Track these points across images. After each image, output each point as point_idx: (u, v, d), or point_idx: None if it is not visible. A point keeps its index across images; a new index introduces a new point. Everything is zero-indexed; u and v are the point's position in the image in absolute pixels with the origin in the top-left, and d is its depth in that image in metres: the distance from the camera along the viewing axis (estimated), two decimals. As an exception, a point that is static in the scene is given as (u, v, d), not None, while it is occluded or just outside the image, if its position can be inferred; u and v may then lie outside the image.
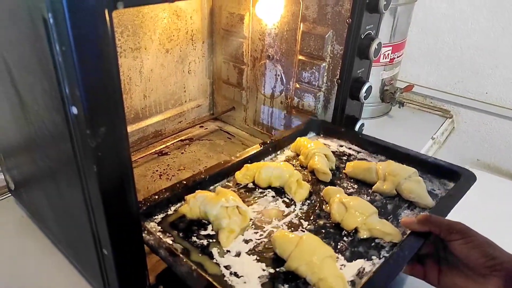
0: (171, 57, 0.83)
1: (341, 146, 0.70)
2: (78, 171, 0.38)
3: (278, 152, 0.68)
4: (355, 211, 0.50)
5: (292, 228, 0.51)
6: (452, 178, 0.59)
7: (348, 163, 0.63)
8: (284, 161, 0.65)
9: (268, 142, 0.66)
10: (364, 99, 0.70)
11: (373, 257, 0.46)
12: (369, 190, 0.58)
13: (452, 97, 1.08)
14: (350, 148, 0.69)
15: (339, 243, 0.49)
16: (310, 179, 0.61)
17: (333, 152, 0.65)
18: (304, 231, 0.50)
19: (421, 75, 1.12)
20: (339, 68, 0.68)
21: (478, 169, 1.01)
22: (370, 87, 0.69)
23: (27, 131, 0.46)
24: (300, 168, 0.64)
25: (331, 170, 0.61)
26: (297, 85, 0.76)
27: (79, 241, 0.47)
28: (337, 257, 0.46)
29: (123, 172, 0.38)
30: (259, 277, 0.44)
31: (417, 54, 1.10)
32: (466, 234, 0.43)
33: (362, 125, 0.74)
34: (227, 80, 0.90)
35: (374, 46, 0.65)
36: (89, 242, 0.43)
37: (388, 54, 0.96)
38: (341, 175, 0.62)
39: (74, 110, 0.33)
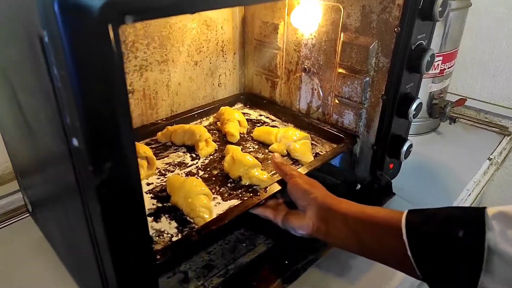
0: (200, 70, 0.78)
1: (261, 115, 0.81)
2: (83, 208, 0.33)
3: (204, 119, 0.78)
4: (239, 163, 0.58)
5: (189, 175, 0.60)
6: (340, 141, 0.68)
7: (255, 128, 0.72)
8: (207, 125, 0.76)
9: (194, 109, 0.78)
10: (413, 118, 0.62)
11: (245, 198, 0.55)
12: (266, 150, 0.68)
13: (510, 111, 0.96)
14: (267, 118, 0.80)
15: (222, 188, 0.58)
16: (220, 141, 0.70)
17: (251, 120, 0.78)
18: (198, 178, 0.59)
19: (475, 88, 1.01)
20: (385, 82, 0.60)
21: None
22: (420, 104, 0.61)
23: (36, 154, 0.42)
24: (216, 132, 0.74)
25: (241, 134, 0.72)
26: (336, 101, 0.69)
27: (86, 273, 0.43)
28: (215, 197, 0.55)
29: (134, 211, 0.32)
30: (148, 209, 0.53)
31: (470, 64, 0.99)
32: (294, 177, 0.53)
33: (410, 146, 0.65)
34: (259, 94, 0.84)
35: (426, 58, 0.57)
36: (96, 279, 0.38)
37: (438, 64, 0.87)
38: (248, 138, 0.72)
39: (75, 142, 0.28)
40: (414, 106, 0.60)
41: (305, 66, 0.71)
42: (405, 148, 0.64)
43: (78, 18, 0.24)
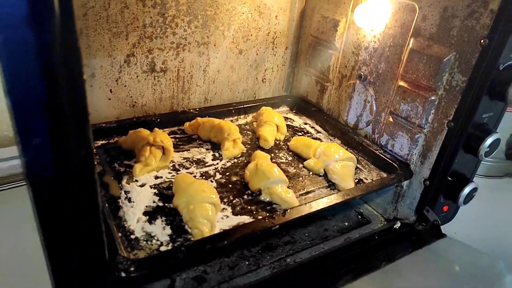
0: (244, 60, 0.71)
1: (306, 123, 0.71)
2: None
3: (242, 116, 0.70)
4: (263, 174, 0.50)
5: (204, 177, 0.53)
6: (391, 171, 0.56)
7: (294, 137, 0.63)
8: (242, 124, 0.67)
9: (233, 104, 0.70)
10: (485, 156, 0.49)
11: (259, 217, 0.46)
12: (300, 165, 0.58)
13: None
14: (313, 128, 0.70)
15: (236, 199, 0.50)
16: (251, 144, 0.62)
17: (294, 127, 0.69)
18: (212, 182, 0.52)
19: None
20: (455, 106, 0.48)
21: None
22: (497, 140, 0.48)
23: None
24: (250, 133, 0.65)
25: (277, 140, 0.64)
26: (391, 119, 0.57)
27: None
28: (224, 208, 0.47)
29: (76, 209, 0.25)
30: (146, 206, 0.47)
31: None
32: None
33: (475, 190, 0.52)
34: (305, 97, 0.75)
35: (516, 84, 0.44)
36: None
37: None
38: (283, 147, 0.63)
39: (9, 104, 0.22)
40: (488, 141, 0.47)
41: (361, 73, 0.61)
42: (466, 191, 0.51)
43: None
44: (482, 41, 0.44)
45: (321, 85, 0.70)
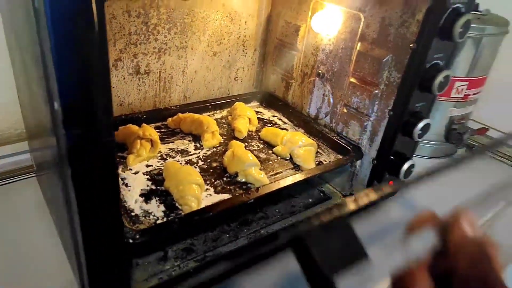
0: (218, 61, 0.79)
1: (274, 116, 0.81)
2: (60, 173, 0.35)
3: (218, 111, 0.80)
4: (239, 159, 0.59)
5: (189, 164, 0.62)
6: (346, 153, 0.66)
7: (264, 128, 0.73)
8: (218, 118, 0.77)
9: (209, 100, 0.80)
10: (419, 138, 0.60)
11: (236, 194, 0.56)
12: (270, 151, 0.68)
13: (535, 149, 0.92)
14: (280, 119, 0.80)
15: (217, 181, 0.59)
16: (228, 135, 0.71)
17: (263, 120, 0.79)
18: (196, 168, 0.61)
19: (500, 119, 0.97)
20: (393, 98, 0.59)
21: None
22: (427, 125, 0.59)
23: (35, 118, 0.45)
24: (226, 126, 0.74)
25: (250, 131, 0.73)
26: (345, 110, 0.68)
27: (67, 238, 0.45)
28: (207, 188, 0.57)
29: (105, 183, 0.34)
30: (141, 189, 0.55)
31: (499, 94, 0.95)
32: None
33: (412, 166, 0.63)
34: (273, 93, 0.84)
35: (439, 78, 0.55)
36: (72, 242, 0.40)
37: (463, 89, 0.84)
38: (255, 136, 0.72)
39: (56, 105, 0.30)
40: (420, 125, 0.58)
41: (320, 71, 0.71)
42: (405, 167, 0.62)
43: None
44: (411, 45, 0.55)
45: (286, 82, 0.80)
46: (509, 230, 0.76)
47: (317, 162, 0.65)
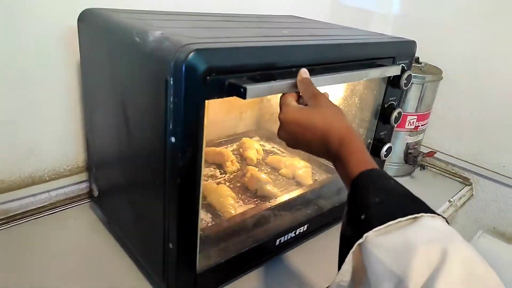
0: (228, 114, 1.01)
1: (273, 147, 1.03)
2: (164, 183, 0.53)
3: (229, 145, 1.00)
4: (257, 179, 0.79)
5: (217, 185, 0.78)
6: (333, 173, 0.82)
7: (269, 156, 0.95)
8: (232, 150, 0.97)
9: (223, 137, 1.02)
10: (384, 157, 0.83)
11: (259, 204, 0.76)
12: (276, 173, 0.89)
13: (472, 166, 1.18)
14: (279, 150, 1.02)
15: (243, 196, 0.78)
16: (242, 163, 0.91)
17: (265, 150, 1.00)
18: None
19: (444, 144, 1.24)
20: (366, 130, 0.83)
21: (493, 236, 1.08)
22: (390, 147, 0.83)
23: (127, 152, 0.63)
24: (238, 156, 0.94)
25: (257, 160, 0.92)
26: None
27: (149, 238, 0.62)
28: (237, 201, 0.75)
29: (195, 183, 0.53)
30: None
31: (441, 125, 1.22)
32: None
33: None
34: (270, 129, 1.07)
35: (394, 114, 0.79)
36: (159, 238, 0.57)
37: (413, 121, 1.10)
38: (262, 163, 0.93)
39: (173, 139, 0.50)
40: (385, 148, 0.82)
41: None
42: (377, 179, 0.85)
43: (192, 74, 0.46)
44: (374, 91, 0.80)
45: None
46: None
47: (313, 180, 0.87)
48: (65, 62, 0.75)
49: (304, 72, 0.53)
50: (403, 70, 0.76)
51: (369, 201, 0.41)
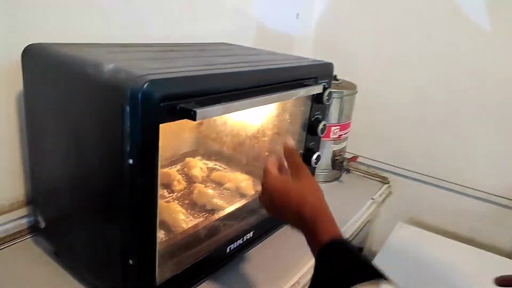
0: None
1: (216, 165, 1.09)
2: (123, 204, 0.57)
3: (175, 166, 1.05)
4: (205, 194, 0.86)
5: (167, 203, 0.83)
6: None
7: (214, 173, 1.01)
8: (176, 170, 1.01)
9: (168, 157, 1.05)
10: (315, 164, 0.94)
11: (208, 216, 0.83)
12: (221, 188, 0.96)
13: (388, 167, 1.36)
14: (220, 166, 1.09)
15: (192, 211, 0.84)
16: (188, 181, 0.96)
17: (208, 167, 1.05)
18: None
19: (365, 149, 1.41)
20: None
21: (411, 225, 1.26)
22: (319, 156, 0.94)
23: (80, 179, 0.65)
24: (183, 175, 0.98)
25: (202, 177, 0.98)
26: (267, 153, 1.00)
27: (107, 258, 0.64)
28: (188, 216, 0.81)
29: (153, 201, 0.58)
30: None
31: (360, 132, 1.39)
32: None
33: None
34: (211, 148, 1.14)
35: (320, 126, 0.91)
36: (118, 256, 0.61)
37: (337, 131, 1.24)
38: (207, 179, 0.99)
39: (130, 161, 0.54)
40: (314, 156, 0.93)
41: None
42: (311, 184, 0.96)
43: (147, 101, 0.52)
44: (301, 108, 0.91)
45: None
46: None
47: (255, 190, 0.95)
48: (4, 96, 0.76)
49: (289, 140, 0.64)
50: (324, 88, 0.88)
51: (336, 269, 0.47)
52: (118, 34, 0.90)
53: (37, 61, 0.66)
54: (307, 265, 0.85)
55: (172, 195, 0.89)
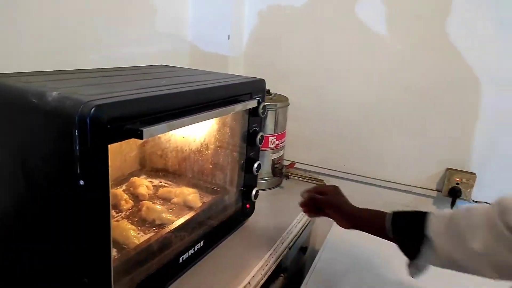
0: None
1: (161, 182, 1.12)
2: (75, 224, 0.60)
3: (120, 186, 1.05)
4: (153, 210, 0.90)
5: (117, 222, 0.86)
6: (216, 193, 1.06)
7: (160, 189, 1.04)
8: (122, 190, 1.03)
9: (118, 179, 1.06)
10: (256, 172, 1.02)
11: (158, 231, 0.86)
12: (169, 203, 0.99)
13: (322, 170, 1.48)
14: (166, 183, 1.12)
15: (143, 227, 0.87)
16: (134, 200, 0.98)
17: (154, 185, 1.08)
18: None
19: (300, 156, 1.52)
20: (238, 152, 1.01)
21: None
22: (259, 164, 1.02)
23: (29, 206, 0.66)
24: (130, 194, 1.01)
25: (149, 194, 1.01)
26: (211, 166, 1.06)
27: (60, 280, 0.66)
28: (139, 232, 0.84)
29: (106, 219, 0.61)
30: None
31: (295, 140, 1.50)
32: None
33: (257, 191, 1.05)
34: (155, 167, 1.16)
35: (258, 137, 0.99)
36: (72, 276, 0.62)
37: (274, 141, 1.34)
38: (154, 197, 1.03)
39: (81, 182, 0.57)
40: (255, 165, 1.01)
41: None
42: (253, 192, 1.03)
43: (95, 126, 0.55)
44: (240, 121, 0.98)
45: (163, 157, 1.14)
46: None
47: (202, 202, 1.00)
48: None
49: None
50: (259, 102, 0.96)
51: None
52: (52, 60, 0.91)
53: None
54: (255, 268, 0.91)
55: (120, 214, 0.91)
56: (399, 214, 0.75)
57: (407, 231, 0.70)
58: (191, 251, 0.86)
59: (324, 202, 0.85)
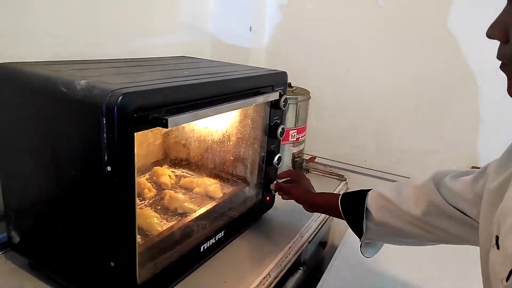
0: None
1: (183, 172, 1.14)
2: (102, 210, 0.62)
3: (143, 175, 1.07)
4: (176, 199, 0.91)
5: (141, 209, 0.88)
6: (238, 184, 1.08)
7: (182, 179, 1.06)
8: (145, 178, 1.04)
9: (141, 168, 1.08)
10: (276, 165, 1.02)
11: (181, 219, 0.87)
12: (191, 192, 1.01)
13: (344, 165, 1.47)
14: (188, 173, 1.13)
15: (165, 215, 0.89)
16: (157, 189, 1.00)
17: (176, 175, 1.09)
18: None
19: (321, 149, 1.51)
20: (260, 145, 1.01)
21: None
22: (280, 157, 1.02)
23: (58, 191, 0.69)
24: (152, 183, 1.02)
25: (171, 184, 1.02)
26: (232, 158, 1.07)
27: (88, 263, 0.68)
28: (161, 220, 0.86)
29: (132, 205, 0.63)
30: None
31: (316, 134, 1.49)
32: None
33: (278, 182, 1.05)
34: (178, 156, 1.18)
35: (279, 130, 0.99)
36: (100, 260, 0.64)
37: (295, 135, 1.34)
38: (176, 186, 1.04)
39: (109, 168, 0.59)
40: (276, 158, 1.01)
41: (210, 137, 1.09)
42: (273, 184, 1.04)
43: (122, 113, 0.57)
44: (261, 113, 0.99)
45: (186, 147, 1.15)
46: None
47: (223, 193, 1.01)
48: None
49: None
50: (280, 95, 0.96)
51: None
52: (80, 51, 0.93)
53: (5, 80, 0.68)
54: (274, 260, 0.92)
55: (144, 202, 0.93)
56: (346, 194, 0.83)
57: (352, 209, 0.78)
58: (212, 241, 0.87)
59: (289, 190, 0.98)
